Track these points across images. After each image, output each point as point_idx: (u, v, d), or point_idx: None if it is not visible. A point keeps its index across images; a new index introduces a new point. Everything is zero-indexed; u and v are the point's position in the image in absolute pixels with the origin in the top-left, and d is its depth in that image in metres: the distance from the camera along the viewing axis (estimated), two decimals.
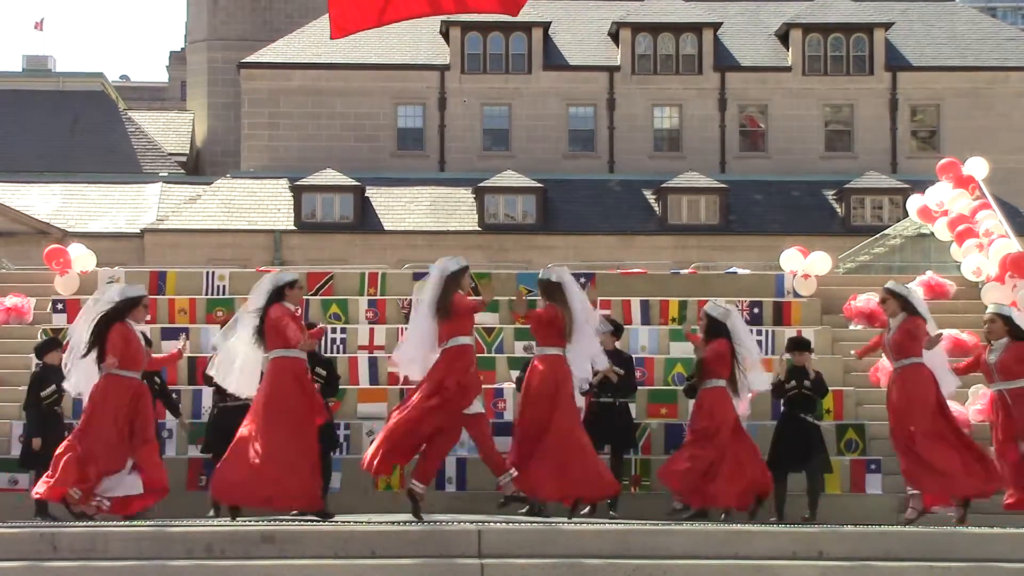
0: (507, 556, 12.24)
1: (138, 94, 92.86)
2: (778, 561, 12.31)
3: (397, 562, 12.16)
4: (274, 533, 12.56)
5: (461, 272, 15.04)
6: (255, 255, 48.52)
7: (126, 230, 51.40)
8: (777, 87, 56.29)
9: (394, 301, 22.23)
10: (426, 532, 12.65)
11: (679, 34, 56.44)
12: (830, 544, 12.62)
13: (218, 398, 17.71)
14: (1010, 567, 12.30)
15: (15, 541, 12.54)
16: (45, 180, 54.23)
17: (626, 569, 12.02)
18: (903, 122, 56.29)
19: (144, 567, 12.13)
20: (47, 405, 17.66)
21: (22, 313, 22.56)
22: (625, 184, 53.72)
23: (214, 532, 12.77)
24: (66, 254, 23.51)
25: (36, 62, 69.13)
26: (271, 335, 15.02)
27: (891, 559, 12.40)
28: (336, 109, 55.91)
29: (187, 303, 22.30)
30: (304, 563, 12.16)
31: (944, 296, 23.56)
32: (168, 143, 61.46)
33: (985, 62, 56.53)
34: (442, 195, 52.93)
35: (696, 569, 12.15)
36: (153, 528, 13.14)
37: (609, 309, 21.63)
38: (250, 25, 64.64)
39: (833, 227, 51.20)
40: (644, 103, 56.19)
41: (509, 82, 56.13)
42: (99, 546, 12.40)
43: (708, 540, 12.68)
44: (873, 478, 18.75)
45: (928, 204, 26.00)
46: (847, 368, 21.07)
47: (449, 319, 14.79)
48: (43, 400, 17.70)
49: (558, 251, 48.11)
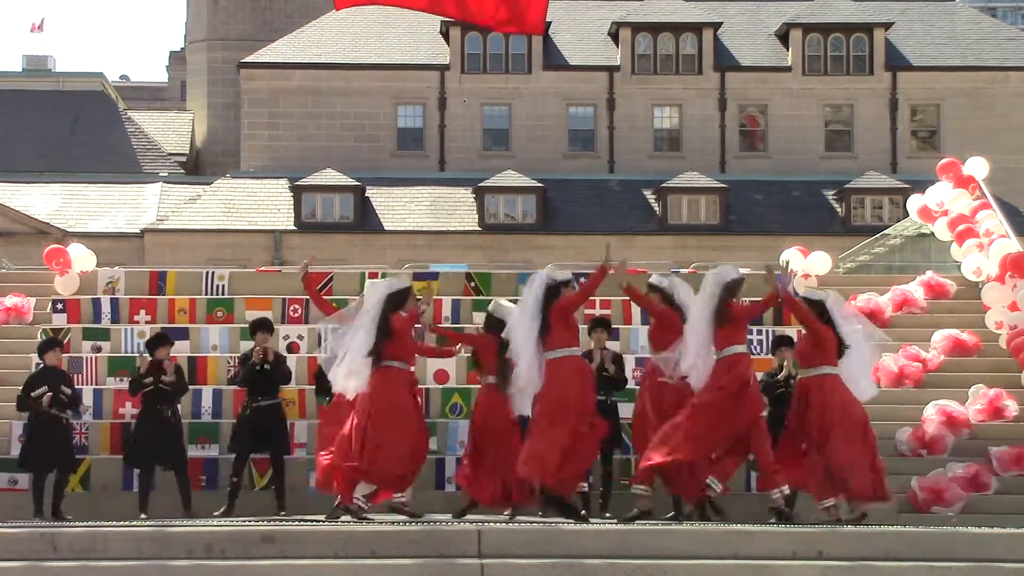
0: (507, 556, 12.24)
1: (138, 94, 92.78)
2: (778, 561, 12.31)
3: (397, 562, 12.16)
4: (274, 533, 12.56)
5: (738, 283, 15.32)
6: (255, 255, 48.51)
7: (126, 230, 51.38)
8: (777, 87, 56.28)
9: None
10: (426, 532, 12.65)
11: (679, 34, 56.42)
12: (830, 544, 12.62)
13: (251, 398, 17.80)
14: (1009, 567, 12.30)
15: (15, 541, 12.54)
16: (45, 180, 54.21)
17: (626, 569, 12.02)
18: (903, 122, 56.28)
19: (144, 567, 12.13)
20: (42, 405, 17.61)
21: (22, 313, 22.57)
22: (625, 184, 53.71)
23: (214, 532, 12.77)
24: (66, 254, 23.51)
25: (36, 62, 69.11)
26: (391, 344, 15.38)
27: (891, 559, 12.40)
28: (336, 109, 55.89)
29: (187, 303, 22.32)
30: (304, 563, 12.16)
31: (944, 296, 23.58)
32: (168, 143, 61.43)
33: (985, 62, 56.51)
34: (442, 195, 52.93)
35: (696, 569, 12.15)
36: (153, 528, 13.14)
37: (609, 309, 21.68)
38: (250, 25, 64.62)
39: (833, 227, 51.18)
40: (644, 103, 56.17)
41: (509, 82, 56.12)
42: (99, 546, 12.40)
43: (708, 540, 12.68)
44: None
45: (928, 204, 26.01)
46: None
47: (727, 325, 15.07)
48: (34, 401, 17.66)
49: (558, 251, 48.07)
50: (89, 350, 21.36)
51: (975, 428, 19.95)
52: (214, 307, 22.30)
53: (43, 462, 17.73)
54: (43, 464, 17.75)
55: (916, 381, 21.00)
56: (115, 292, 22.88)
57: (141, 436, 17.74)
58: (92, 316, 22.27)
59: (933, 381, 21.00)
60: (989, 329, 22.15)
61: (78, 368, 20.76)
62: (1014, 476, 19.06)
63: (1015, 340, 21.34)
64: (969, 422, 19.96)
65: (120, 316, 22.20)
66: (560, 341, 15.17)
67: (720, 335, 15.09)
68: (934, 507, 18.35)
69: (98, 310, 22.33)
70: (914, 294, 23.34)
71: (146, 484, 17.70)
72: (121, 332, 21.70)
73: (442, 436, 19.28)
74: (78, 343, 21.46)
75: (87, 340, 21.54)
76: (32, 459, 17.80)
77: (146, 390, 17.72)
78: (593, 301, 21.47)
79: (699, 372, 15.12)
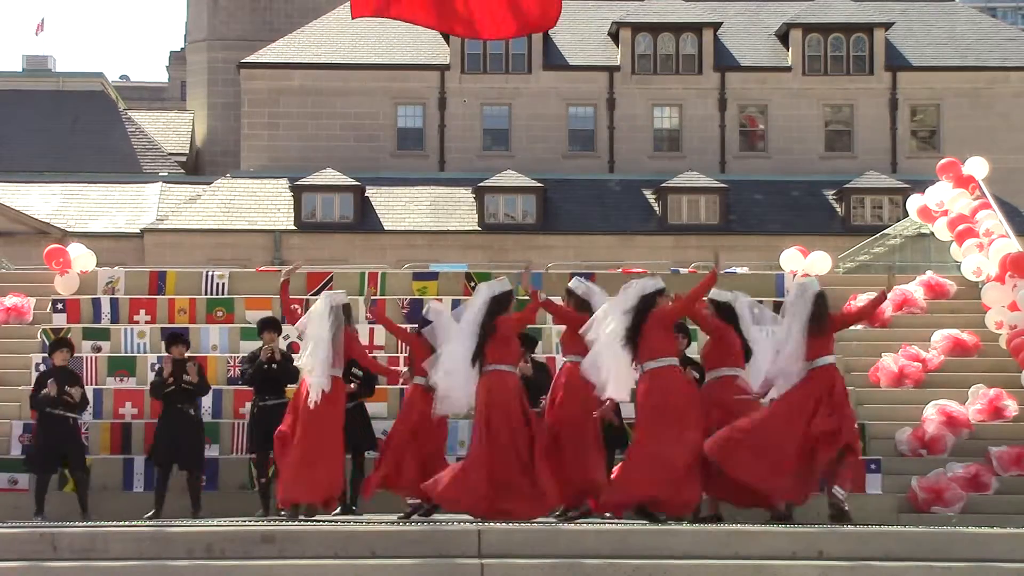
0: (507, 556, 12.22)
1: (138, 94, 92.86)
2: (778, 561, 12.29)
3: (397, 562, 12.15)
4: (274, 533, 12.55)
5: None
6: (255, 255, 48.49)
7: (126, 230, 51.37)
8: (777, 87, 56.27)
9: (394, 301, 22.25)
10: (426, 532, 12.64)
11: (679, 34, 56.41)
12: (830, 544, 12.60)
13: (258, 397, 17.78)
14: (1010, 567, 12.29)
15: (15, 541, 12.52)
16: (45, 180, 54.20)
17: (626, 569, 12.01)
18: (903, 122, 56.28)
19: (144, 567, 12.11)
20: (49, 406, 17.63)
21: (22, 313, 22.57)
22: (625, 184, 53.70)
23: (214, 532, 12.76)
24: (66, 254, 23.51)
25: (36, 62, 69.14)
26: (494, 347, 15.13)
27: (891, 559, 12.39)
28: (336, 109, 55.89)
29: (187, 303, 22.32)
30: (304, 563, 12.14)
31: (944, 296, 23.57)
32: (168, 143, 61.43)
33: (985, 62, 56.51)
34: (442, 195, 52.92)
35: (696, 569, 12.14)
36: (153, 528, 13.13)
37: None
38: (250, 25, 64.61)
39: (833, 227, 51.18)
40: (644, 103, 56.17)
41: (509, 82, 56.12)
42: (99, 546, 12.39)
43: (708, 540, 12.67)
44: (873, 478, 18.75)
45: (928, 204, 26.00)
46: (847, 368, 21.08)
47: (821, 337, 15.10)
48: (40, 401, 17.67)
49: (558, 251, 48.09)
50: (89, 350, 21.36)
51: (975, 428, 19.95)
52: (214, 307, 22.29)
53: (47, 463, 17.72)
54: (47, 465, 17.73)
55: (916, 381, 20.99)
56: (115, 292, 22.89)
57: (164, 435, 17.72)
58: (92, 316, 22.27)
59: (933, 381, 21.00)
60: (989, 329, 22.15)
61: (78, 368, 20.75)
62: (1014, 476, 19.06)
63: (1015, 340, 21.34)
64: (969, 422, 19.95)
65: (120, 316, 22.20)
66: (660, 350, 15.03)
67: (813, 344, 15.01)
68: (934, 507, 18.36)
69: (98, 310, 22.34)
70: (914, 294, 23.35)
71: (162, 484, 17.69)
72: (121, 332, 21.70)
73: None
74: (78, 343, 21.38)
75: (87, 340, 21.54)
76: (37, 460, 17.78)
77: (168, 390, 17.72)
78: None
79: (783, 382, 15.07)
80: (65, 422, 17.70)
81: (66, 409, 17.67)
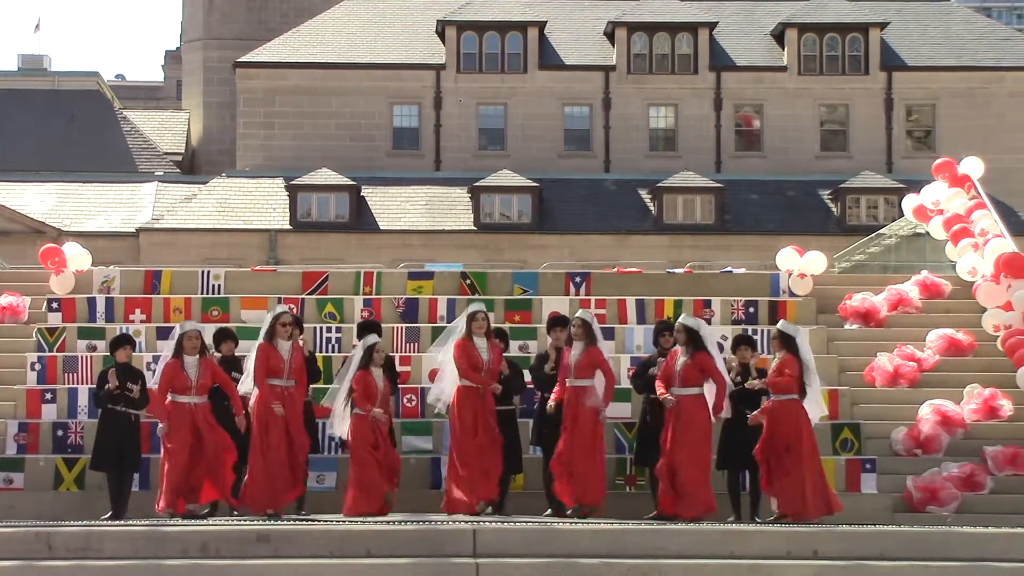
0: (502, 556, 12.23)
1: (134, 93, 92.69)
2: (773, 560, 12.31)
3: (392, 562, 12.15)
4: (269, 532, 12.55)
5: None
6: (250, 254, 48.45)
7: (121, 229, 51.31)
8: (773, 87, 56.24)
9: (389, 300, 22.24)
10: (421, 532, 12.64)
11: (675, 34, 56.38)
12: (825, 543, 12.62)
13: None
14: (1005, 567, 12.31)
15: (10, 540, 12.52)
16: (41, 179, 54.14)
17: (621, 569, 12.02)
18: (898, 122, 56.25)
19: (139, 566, 12.11)
20: (110, 402, 17.42)
21: (17, 312, 22.55)
22: (620, 183, 53.67)
23: (209, 531, 12.75)
24: (61, 253, 23.48)
25: (32, 61, 69.07)
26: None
27: (886, 558, 12.41)
28: (332, 108, 55.83)
29: (182, 302, 22.28)
30: (299, 562, 12.14)
31: (939, 295, 23.57)
32: (164, 142, 61.36)
33: (980, 62, 56.51)
34: (437, 194, 52.88)
35: (691, 569, 12.15)
36: (148, 527, 13.12)
37: (604, 309, 21.68)
38: (246, 24, 64.55)
39: (829, 227, 51.17)
40: (640, 102, 56.13)
41: (505, 81, 56.08)
42: (94, 545, 12.39)
43: (703, 540, 12.68)
44: (868, 477, 18.79)
45: (924, 203, 26.02)
46: (842, 367, 21.10)
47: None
48: (102, 397, 17.49)
49: (553, 251, 48.08)
50: (84, 349, 21.33)
51: (970, 428, 19.96)
52: (209, 306, 22.26)
53: (115, 461, 17.43)
54: (115, 463, 17.45)
55: (911, 381, 20.99)
56: (110, 291, 22.86)
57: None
58: (87, 315, 22.25)
59: (928, 381, 21.01)
60: (984, 329, 22.15)
61: (73, 367, 20.76)
62: (1009, 476, 19.08)
63: (1010, 340, 21.35)
64: (964, 422, 19.96)
65: (115, 315, 22.17)
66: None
67: None
68: (929, 507, 18.37)
69: (93, 309, 22.31)
70: (909, 294, 23.34)
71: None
72: (116, 331, 21.62)
73: (437, 436, 19.28)
74: (73, 342, 21.44)
75: (82, 339, 21.52)
76: (104, 459, 17.52)
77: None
78: (587, 301, 21.52)
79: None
80: (127, 419, 17.46)
81: (127, 405, 17.48)
